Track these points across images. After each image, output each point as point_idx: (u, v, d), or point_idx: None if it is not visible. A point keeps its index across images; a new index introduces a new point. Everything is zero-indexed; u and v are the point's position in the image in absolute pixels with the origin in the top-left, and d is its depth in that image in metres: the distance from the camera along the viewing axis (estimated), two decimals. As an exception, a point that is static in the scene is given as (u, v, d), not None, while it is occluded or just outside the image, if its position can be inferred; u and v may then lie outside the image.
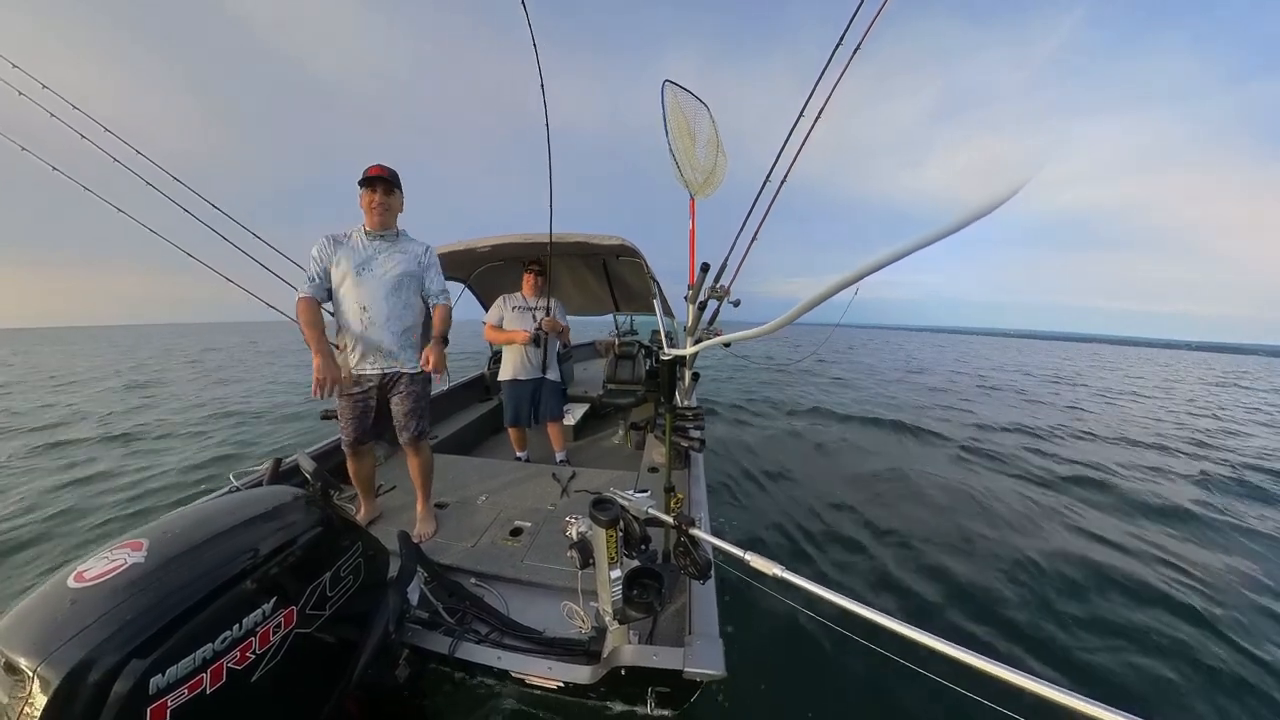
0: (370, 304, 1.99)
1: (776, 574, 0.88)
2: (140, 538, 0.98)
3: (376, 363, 2.05)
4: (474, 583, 1.87)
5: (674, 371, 1.76)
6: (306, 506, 1.23)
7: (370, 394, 2.10)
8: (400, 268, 2.03)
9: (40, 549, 3.17)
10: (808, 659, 2.16)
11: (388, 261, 2.02)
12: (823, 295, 0.61)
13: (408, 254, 2.06)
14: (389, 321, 2.01)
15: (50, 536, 3.35)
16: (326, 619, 1.15)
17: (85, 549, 3.06)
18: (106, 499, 4.02)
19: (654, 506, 1.32)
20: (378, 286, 1.99)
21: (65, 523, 3.56)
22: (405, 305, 2.05)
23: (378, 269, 2.00)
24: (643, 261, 3.28)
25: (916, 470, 4.93)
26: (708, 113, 2.83)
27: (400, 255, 2.05)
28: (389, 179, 1.97)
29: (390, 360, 2.05)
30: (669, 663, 1.24)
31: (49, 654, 0.76)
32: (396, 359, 2.06)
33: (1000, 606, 2.69)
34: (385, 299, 2.00)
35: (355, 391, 2.06)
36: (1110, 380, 16.87)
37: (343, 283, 1.99)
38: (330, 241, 2.01)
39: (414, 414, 2.13)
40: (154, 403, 8.49)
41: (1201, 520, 4.12)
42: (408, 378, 2.11)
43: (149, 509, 3.83)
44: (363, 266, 1.99)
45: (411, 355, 2.09)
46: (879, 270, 0.52)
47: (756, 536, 3.42)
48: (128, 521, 3.63)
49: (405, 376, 2.10)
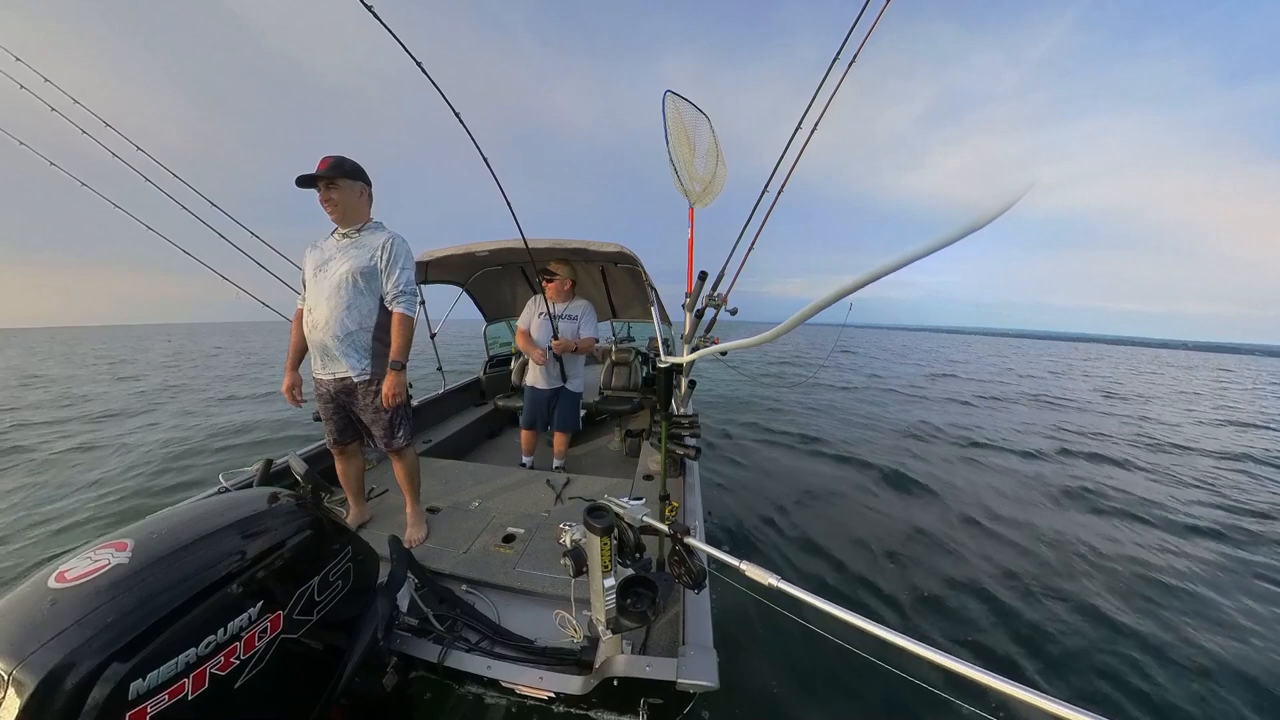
0: (315, 306, 1.91)
1: (772, 583, 0.87)
2: (125, 538, 0.96)
3: (327, 367, 1.96)
4: (465, 589, 1.84)
5: (670, 379, 1.76)
6: (296, 509, 1.22)
7: (335, 397, 2.01)
8: (348, 265, 1.86)
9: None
10: (802, 670, 2.13)
11: (340, 259, 1.89)
12: (820, 305, 0.61)
13: (363, 249, 1.89)
14: (328, 325, 1.88)
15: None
16: (314, 624, 1.13)
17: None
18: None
19: (649, 514, 1.31)
20: (324, 287, 1.89)
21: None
22: (347, 307, 1.87)
23: (330, 268, 1.90)
24: (640, 269, 3.29)
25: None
26: (708, 123, 2.86)
27: (355, 251, 1.89)
28: (329, 172, 1.79)
29: (338, 367, 1.94)
30: (662, 674, 1.22)
31: (25, 657, 0.74)
32: (341, 365, 1.92)
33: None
34: (326, 300, 1.88)
35: (322, 392, 2.02)
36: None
37: (307, 285, 1.98)
38: (310, 248, 2.00)
39: (379, 424, 1.99)
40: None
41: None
42: (363, 387, 1.95)
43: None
44: (321, 267, 1.92)
45: (360, 363, 1.92)
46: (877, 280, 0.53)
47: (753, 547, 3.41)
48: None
49: (359, 386, 1.95)
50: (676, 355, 1.70)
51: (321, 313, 1.90)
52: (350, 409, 2.04)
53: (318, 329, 1.91)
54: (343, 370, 1.94)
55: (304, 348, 2.05)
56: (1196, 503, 4.77)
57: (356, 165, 1.87)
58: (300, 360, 2.07)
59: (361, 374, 1.94)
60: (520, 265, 4.26)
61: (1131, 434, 7.89)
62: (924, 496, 4.46)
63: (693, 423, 2.62)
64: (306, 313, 1.96)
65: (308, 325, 1.95)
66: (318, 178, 1.81)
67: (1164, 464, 6.17)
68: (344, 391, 2.00)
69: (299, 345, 2.05)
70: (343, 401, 2.03)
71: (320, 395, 2.04)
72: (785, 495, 4.25)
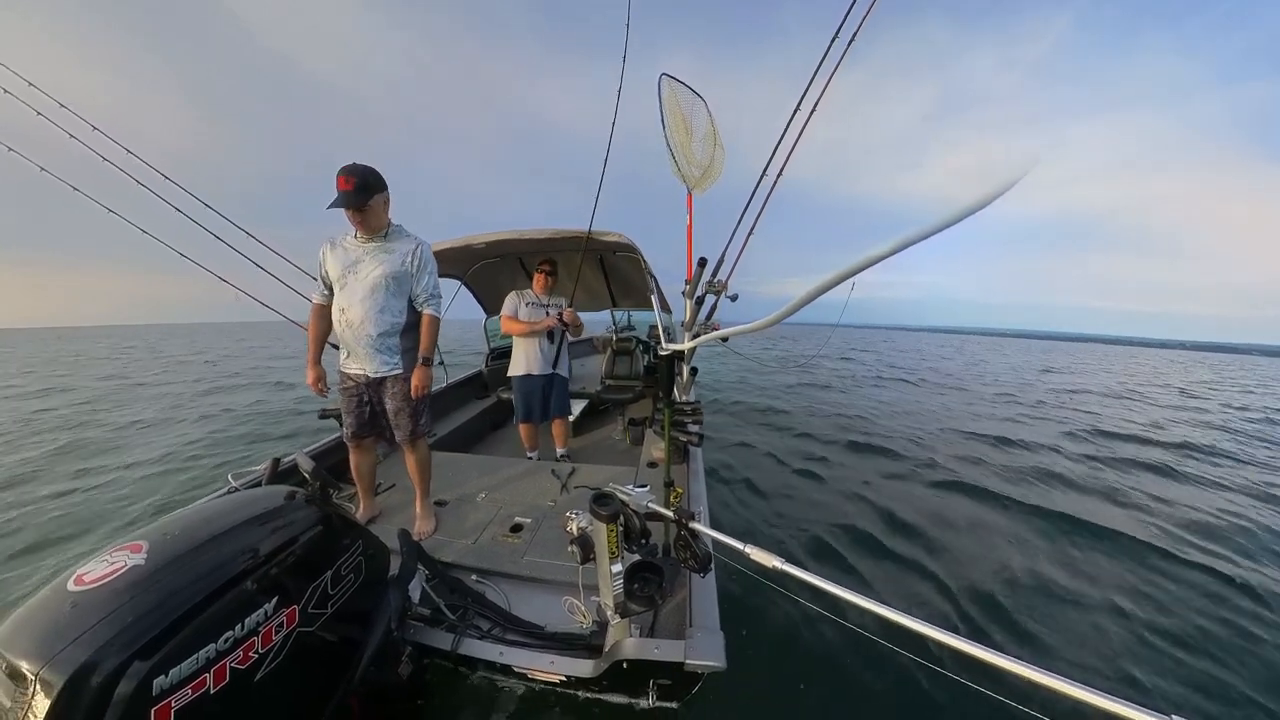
0: (348, 307, 1.98)
1: (776, 566, 0.88)
2: (140, 540, 0.98)
3: (359, 365, 2.06)
4: (475, 579, 1.87)
5: (672, 367, 1.77)
6: (306, 506, 1.23)
7: (362, 390, 2.10)
8: (381, 269, 1.97)
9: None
10: (807, 650, 2.18)
11: (371, 263, 1.98)
12: (819, 289, 0.61)
13: (393, 254, 2.00)
14: (364, 325, 1.98)
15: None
16: (328, 618, 1.15)
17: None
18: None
19: (654, 501, 1.33)
20: (356, 290, 1.97)
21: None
22: (382, 309, 1.99)
23: (361, 271, 1.98)
24: (640, 257, 3.27)
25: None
26: (704, 106, 2.82)
27: (385, 256, 1.99)
28: (355, 195, 1.83)
29: (370, 364, 2.04)
30: (670, 655, 1.25)
31: (51, 657, 0.76)
32: (374, 363, 2.03)
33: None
34: (361, 302, 1.97)
35: (349, 385, 2.10)
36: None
37: (334, 286, 2.03)
38: (328, 246, 2.04)
39: (404, 413, 2.10)
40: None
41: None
42: (393, 379, 2.08)
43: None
44: (349, 270, 1.98)
45: (391, 360, 2.05)
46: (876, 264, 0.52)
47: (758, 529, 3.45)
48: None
49: (390, 379, 2.07)
50: (677, 343, 1.71)
51: (357, 313, 1.98)
52: (376, 402, 2.12)
53: (353, 328, 1.99)
54: (375, 366, 2.04)
55: (324, 341, 2.14)
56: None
57: (377, 176, 1.90)
58: (321, 353, 2.14)
59: (393, 369, 2.06)
60: (519, 257, 4.24)
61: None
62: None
63: (695, 409, 2.63)
64: (339, 312, 2.01)
65: (341, 324, 2.02)
66: (346, 206, 1.85)
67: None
68: (372, 386, 2.09)
69: (320, 339, 2.13)
70: (368, 396, 2.11)
71: (346, 389, 2.11)
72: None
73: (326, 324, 2.10)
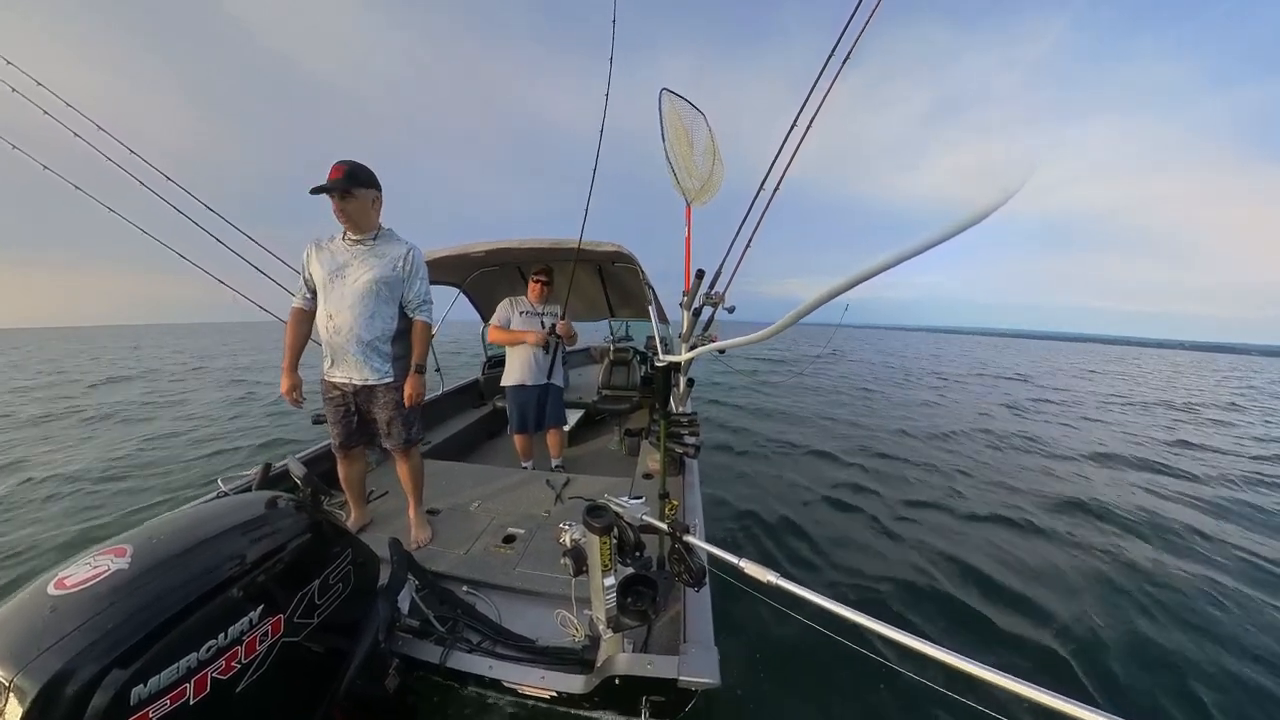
0: (336, 312, 1.90)
1: (771, 580, 0.87)
2: (124, 543, 0.96)
3: (346, 373, 1.97)
4: (466, 590, 1.84)
5: (669, 378, 1.76)
6: (296, 512, 1.21)
7: (348, 400, 2.01)
8: (371, 274, 1.89)
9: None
10: (802, 666, 2.14)
11: (360, 267, 1.90)
12: (817, 302, 0.60)
13: (384, 258, 1.92)
14: (353, 332, 1.89)
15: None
16: (315, 627, 1.13)
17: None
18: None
19: (648, 513, 1.31)
20: (345, 294, 1.89)
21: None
22: (372, 315, 1.91)
23: (350, 275, 1.90)
24: (638, 268, 3.28)
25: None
26: (705, 121, 2.86)
27: (375, 260, 1.91)
28: (344, 180, 1.78)
29: (360, 372, 1.96)
30: (664, 671, 1.23)
31: (25, 664, 0.74)
32: (363, 371, 1.95)
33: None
34: (350, 308, 1.89)
35: (334, 395, 2.02)
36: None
37: (319, 290, 1.95)
38: (314, 248, 1.97)
39: (397, 422, 2.02)
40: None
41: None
42: (384, 388, 2.00)
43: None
44: (336, 273, 1.90)
45: (382, 367, 1.97)
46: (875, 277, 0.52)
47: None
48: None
49: (381, 388, 1.99)
50: (674, 354, 1.70)
51: (346, 319, 1.89)
52: (365, 411, 2.04)
53: (341, 334, 1.91)
54: (365, 374, 1.96)
55: (301, 348, 2.05)
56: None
57: (369, 173, 1.85)
58: (298, 361, 2.05)
59: (384, 377, 1.98)
60: (517, 265, 4.25)
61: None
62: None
63: (691, 421, 2.62)
64: (325, 318, 1.93)
65: (328, 330, 1.93)
66: (332, 189, 1.78)
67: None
68: (360, 394, 2.01)
69: (297, 346, 2.04)
70: (355, 405, 2.03)
71: (330, 399, 2.03)
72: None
73: (307, 329, 2.03)
